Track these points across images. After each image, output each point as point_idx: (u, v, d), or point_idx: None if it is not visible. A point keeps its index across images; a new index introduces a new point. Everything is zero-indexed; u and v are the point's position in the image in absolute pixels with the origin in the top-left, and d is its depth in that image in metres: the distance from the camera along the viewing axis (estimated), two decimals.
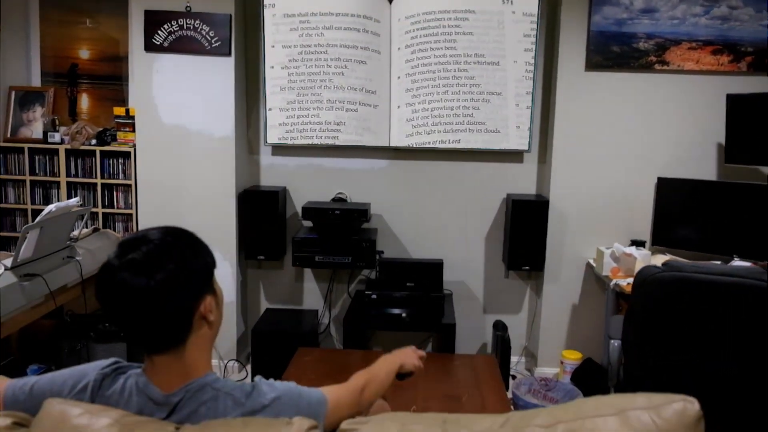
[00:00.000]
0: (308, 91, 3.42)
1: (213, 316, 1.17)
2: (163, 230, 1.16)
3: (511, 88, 3.38)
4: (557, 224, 3.41)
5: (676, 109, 3.31)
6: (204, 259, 1.17)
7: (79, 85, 3.69)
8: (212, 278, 1.19)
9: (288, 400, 1.16)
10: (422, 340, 3.69)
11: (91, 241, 3.20)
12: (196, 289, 1.13)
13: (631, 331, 2.12)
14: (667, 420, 1.02)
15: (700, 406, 1.05)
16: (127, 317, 1.10)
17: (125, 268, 1.07)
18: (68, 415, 1.02)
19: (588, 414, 1.05)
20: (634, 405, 1.05)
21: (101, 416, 1.02)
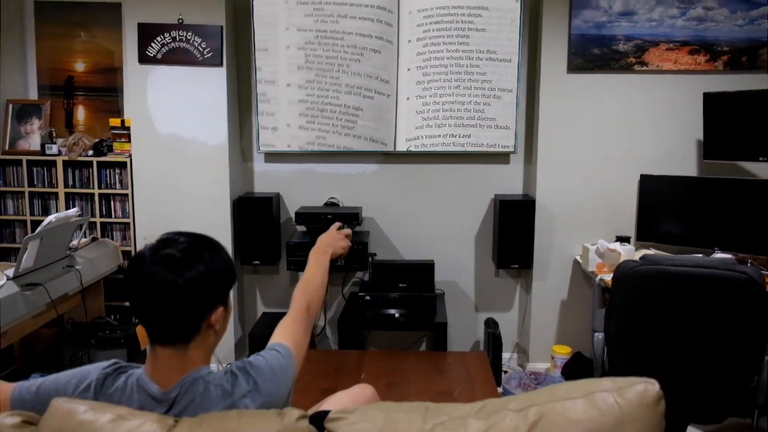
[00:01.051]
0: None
1: (220, 326, 1.26)
2: (198, 236, 1.27)
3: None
4: (544, 223, 3.50)
5: (656, 108, 3.41)
6: (229, 272, 1.27)
7: (75, 97, 3.77)
8: (229, 293, 1.28)
9: (264, 379, 1.26)
10: (416, 340, 3.77)
11: (90, 250, 3.28)
12: (215, 297, 1.23)
13: (612, 323, 2.21)
14: (629, 400, 1.10)
15: (660, 387, 1.13)
16: (145, 306, 1.19)
17: (159, 262, 1.17)
18: (74, 411, 1.09)
19: (558, 397, 1.13)
20: (600, 388, 1.13)
21: (105, 412, 1.09)
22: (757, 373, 2.08)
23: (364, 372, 2.64)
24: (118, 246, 3.51)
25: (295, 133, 3.57)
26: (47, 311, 2.85)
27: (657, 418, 1.13)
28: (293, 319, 1.48)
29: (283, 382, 1.29)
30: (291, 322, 1.47)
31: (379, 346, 3.79)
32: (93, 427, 1.07)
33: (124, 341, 3.14)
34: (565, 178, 3.47)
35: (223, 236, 3.47)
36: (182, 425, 1.09)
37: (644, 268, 2.09)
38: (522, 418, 1.09)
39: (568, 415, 1.08)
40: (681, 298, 2.07)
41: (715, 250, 3.10)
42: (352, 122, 3.53)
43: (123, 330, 3.18)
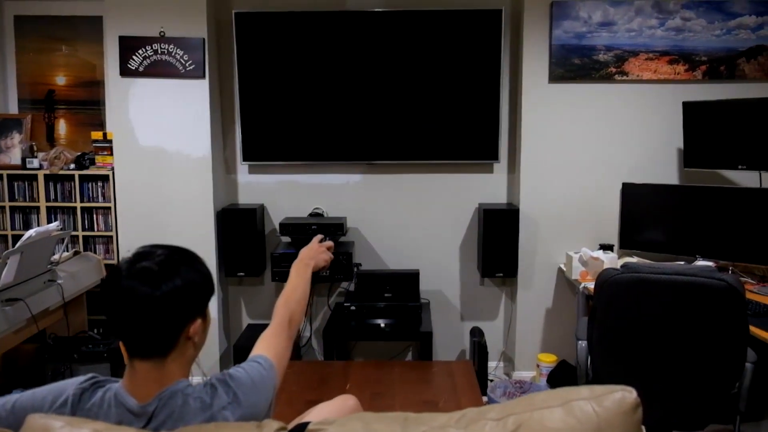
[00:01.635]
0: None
1: (198, 338, 1.26)
2: (175, 248, 1.26)
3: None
4: (528, 231, 3.52)
5: (636, 118, 3.45)
6: (206, 284, 1.26)
7: (57, 111, 3.75)
8: (207, 304, 1.28)
9: (244, 391, 1.25)
10: (402, 349, 3.77)
11: (72, 264, 3.25)
12: (192, 309, 1.23)
13: (595, 331, 2.22)
14: (606, 408, 1.11)
15: (637, 395, 1.14)
16: (123, 319, 1.18)
17: (135, 275, 1.17)
18: (50, 427, 1.08)
19: (537, 406, 1.14)
20: (578, 396, 1.14)
21: (82, 428, 1.08)
22: (738, 380, 2.11)
23: (349, 382, 2.64)
24: (101, 259, 3.49)
25: (278, 144, 3.58)
26: (28, 326, 2.82)
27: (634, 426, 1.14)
28: (274, 331, 1.49)
29: (263, 394, 1.29)
30: (272, 334, 1.47)
31: (364, 357, 3.79)
32: None
33: (108, 355, 3.11)
34: (549, 187, 3.50)
35: (207, 248, 3.47)
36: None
37: (625, 276, 2.11)
38: (501, 427, 1.10)
39: (546, 424, 1.09)
40: (661, 306, 2.09)
41: (696, 257, 3.14)
42: (335, 132, 3.54)
43: (106, 344, 3.15)
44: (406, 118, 3.54)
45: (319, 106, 3.54)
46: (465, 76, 3.49)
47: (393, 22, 3.46)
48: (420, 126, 3.56)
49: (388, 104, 3.53)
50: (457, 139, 3.55)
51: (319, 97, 3.53)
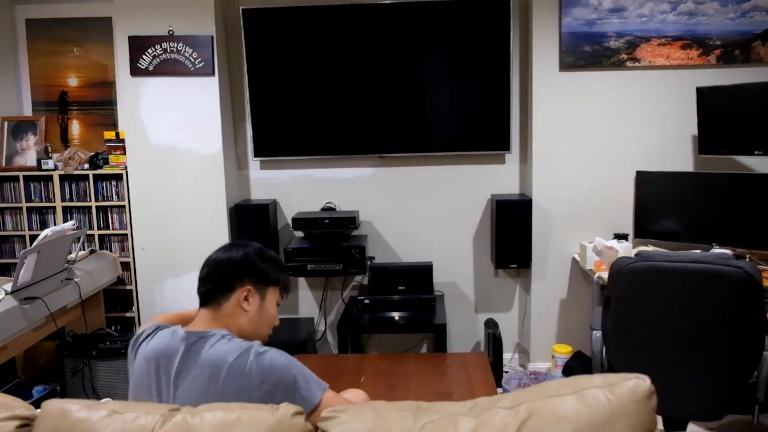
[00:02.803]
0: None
1: (249, 309, 1.49)
2: (261, 247, 1.58)
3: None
4: (541, 222, 3.51)
5: (650, 104, 3.42)
6: (263, 266, 1.52)
7: (70, 112, 3.79)
8: (261, 283, 1.52)
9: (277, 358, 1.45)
10: (416, 342, 3.78)
11: (89, 263, 3.30)
12: (242, 277, 1.50)
13: (609, 321, 2.21)
14: (619, 396, 1.11)
15: (650, 383, 1.14)
16: (200, 276, 1.52)
17: (219, 250, 1.56)
18: (68, 411, 1.10)
19: (549, 394, 1.14)
20: (591, 384, 1.14)
21: (98, 409, 1.10)
22: (756, 369, 2.09)
23: (363, 375, 2.65)
24: (117, 257, 3.53)
25: (289, 139, 3.59)
26: (47, 324, 2.87)
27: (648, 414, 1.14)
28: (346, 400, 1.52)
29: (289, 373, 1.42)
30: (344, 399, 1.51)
31: (379, 350, 3.80)
32: (87, 425, 1.08)
33: (125, 351, 3.15)
34: (561, 177, 3.48)
35: (220, 244, 3.48)
36: (179, 415, 1.10)
37: (639, 265, 2.10)
38: (512, 415, 1.10)
39: (558, 412, 1.09)
40: (676, 294, 2.07)
41: (713, 245, 3.10)
42: (346, 126, 3.55)
43: (124, 340, 3.19)
44: (416, 110, 3.54)
45: (329, 101, 3.55)
46: (475, 66, 3.48)
47: (401, 13, 3.46)
48: (431, 118, 3.55)
49: (399, 97, 3.53)
50: (468, 131, 3.54)
51: (328, 91, 3.54)
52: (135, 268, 3.59)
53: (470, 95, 3.51)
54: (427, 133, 3.56)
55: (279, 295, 1.58)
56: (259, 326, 1.53)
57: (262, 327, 1.53)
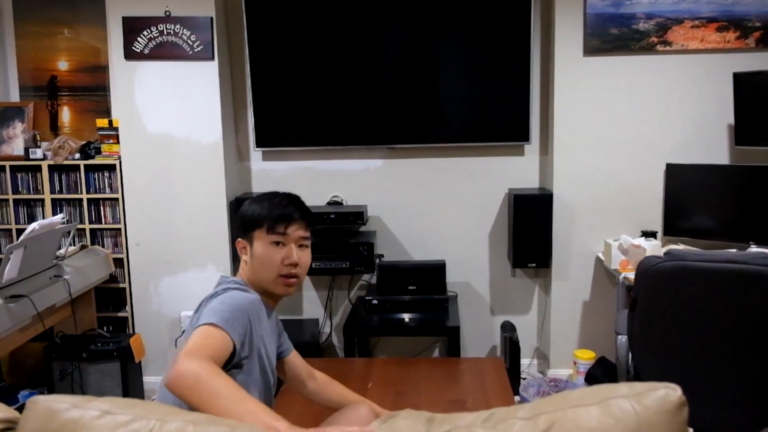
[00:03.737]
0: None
1: (248, 259, 1.64)
2: (285, 194, 1.74)
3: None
4: (563, 218, 3.49)
5: (682, 92, 3.38)
6: (249, 215, 1.65)
7: (60, 98, 3.81)
8: (249, 232, 1.63)
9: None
10: (427, 346, 3.77)
11: (79, 259, 3.31)
12: (238, 229, 1.68)
13: (636, 325, 2.19)
14: (647, 407, 1.09)
15: (682, 393, 1.12)
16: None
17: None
18: (55, 410, 1.09)
19: (571, 404, 1.12)
20: (616, 393, 1.12)
21: (90, 408, 1.08)
22: None
23: (371, 381, 2.65)
24: (109, 253, 3.54)
25: (293, 129, 3.59)
26: (34, 324, 2.88)
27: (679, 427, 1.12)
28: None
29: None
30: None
31: (388, 353, 3.80)
32: (78, 425, 1.07)
33: (118, 354, 3.16)
34: (585, 170, 3.45)
35: (219, 240, 3.50)
36: (175, 423, 1.08)
37: (669, 265, 2.07)
38: (531, 426, 1.09)
39: (581, 423, 1.07)
40: (710, 297, 2.05)
41: (750, 244, 3.07)
42: (354, 115, 3.54)
43: (116, 342, 3.20)
44: (429, 98, 3.52)
45: (336, 87, 3.54)
46: (492, 51, 3.45)
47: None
48: (444, 106, 3.53)
49: (410, 84, 3.51)
50: (485, 120, 3.52)
51: (335, 78, 3.53)
52: (129, 264, 3.60)
53: (487, 82, 3.48)
54: (441, 123, 3.54)
55: (266, 234, 1.62)
56: (257, 272, 1.62)
57: (260, 272, 1.62)
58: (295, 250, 1.64)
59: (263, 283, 1.63)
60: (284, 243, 1.62)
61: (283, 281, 1.62)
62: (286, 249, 1.62)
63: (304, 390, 1.92)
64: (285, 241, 1.62)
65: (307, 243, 1.69)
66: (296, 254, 1.63)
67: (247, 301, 1.53)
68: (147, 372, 3.54)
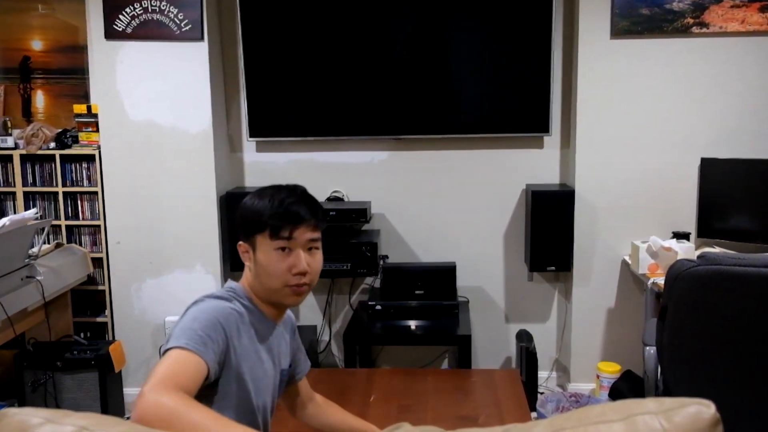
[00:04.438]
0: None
1: (251, 265, 1.59)
2: (287, 186, 1.64)
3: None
4: (585, 217, 3.49)
5: (719, 79, 3.37)
6: (251, 214, 1.57)
7: (33, 81, 3.82)
8: (251, 235, 1.57)
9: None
10: (436, 356, 3.78)
11: (54, 258, 3.32)
12: (238, 232, 1.62)
13: (665, 335, 2.19)
14: (677, 425, 1.09)
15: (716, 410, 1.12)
16: None
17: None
18: (28, 425, 1.09)
19: (592, 420, 1.12)
20: (643, 410, 1.12)
21: (66, 424, 1.09)
22: None
23: (374, 394, 2.65)
24: (87, 252, 3.55)
25: (290, 117, 3.59)
26: (4, 330, 2.89)
27: None
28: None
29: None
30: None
31: (392, 364, 3.81)
32: None
33: (96, 363, 3.18)
34: (610, 164, 3.45)
35: (209, 238, 3.51)
36: None
37: (703, 269, 2.07)
38: None
39: None
40: (748, 305, 2.04)
41: None
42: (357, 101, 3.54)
43: (94, 350, 3.21)
44: (440, 83, 3.52)
45: (339, 72, 3.54)
46: (510, 32, 3.45)
47: None
48: (456, 93, 3.53)
49: (419, 68, 3.51)
50: (501, 109, 3.52)
51: (338, 61, 3.53)
52: (109, 265, 3.62)
53: (504, 66, 3.48)
54: (452, 111, 3.54)
55: (269, 239, 1.54)
56: (262, 281, 1.58)
57: (266, 281, 1.57)
58: (304, 255, 1.55)
59: (269, 293, 1.58)
60: (291, 248, 1.54)
61: (291, 291, 1.56)
62: (293, 255, 1.54)
63: (302, 412, 1.89)
64: (291, 246, 1.54)
65: (317, 245, 1.60)
66: (305, 260, 1.55)
67: (224, 313, 1.49)
68: (128, 383, 3.55)
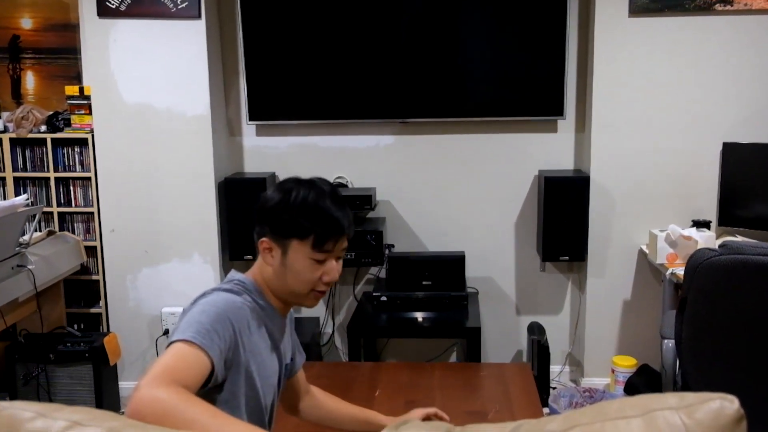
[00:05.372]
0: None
1: (272, 263, 1.57)
2: (306, 181, 1.60)
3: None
4: (601, 205, 3.48)
5: (743, 59, 3.35)
6: (293, 219, 1.53)
7: (23, 61, 3.81)
8: (286, 238, 1.53)
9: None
10: (443, 349, 3.78)
11: (46, 246, 3.33)
12: (261, 225, 1.58)
13: (685, 328, 2.18)
14: (698, 421, 1.08)
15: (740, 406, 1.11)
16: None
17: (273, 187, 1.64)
18: (19, 419, 1.10)
19: (609, 416, 1.12)
20: (663, 405, 1.11)
21: (57, 419, 1.10)
22: None
23: (378, 388, 2.66)
24: (80, 241, 3.56)
25: (292, 99, 3.58)
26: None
27: None
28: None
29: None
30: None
31: (398, 357, 3.82)
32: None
33: (90, 355, 3.19)
34: (627, 149, 3.44)
35: (207, 226, 3.51)
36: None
37: (724, 259, 2.06)
38: None
39: None
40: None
41: None
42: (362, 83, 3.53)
43: (88, 342, 3.23)
44: (448, 64, 3.51)
45: (343, 52, 3.52)
46: (523, 9, 3.43)
47: None
48: (466, 75, 3.52)
49: (427, 48, 3.50)
50: (513, 91, 3.50)
51: (342, 40, 3.52)
52: (103, 254, 3.62)
53: (516, 46, 3.46)
54: (461, 94, 3.53)
55: (310, 249, 1.53)
56: (287, 283, 1.56)
57: (292, 284, 1.56)
58: (335, 265, 1.59)
59: (291, 295, 1.60)
60: (327, 259, 1.57)
61: (315, 295, 1.60)
62: (327, 265, 1.56)
63: (299, 406, 1.89)
64: (328, 258, 1.57)
65: (345, 253, 1.64)
66: (336, 270, 1.59)
67: (234, 307, 1.49)
68: (123, 377, 3.57)
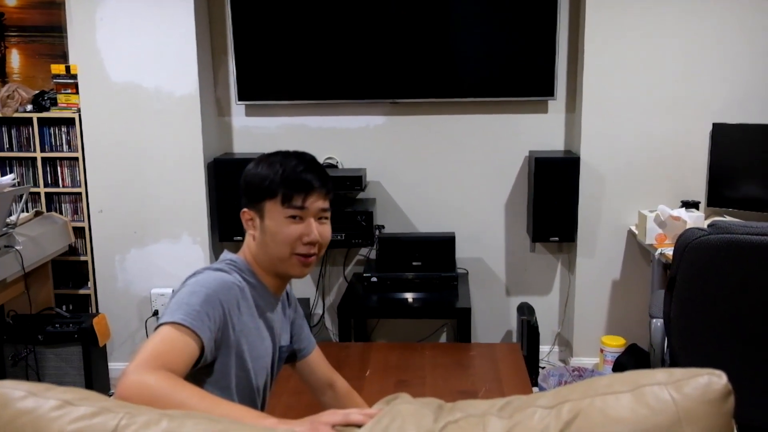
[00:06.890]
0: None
1: (252, 231, 1.61)
2: (296, 153, 1.64)
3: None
4: (591, 185, 3.49)
5: (737, 37, 3.35)
6: (260, 181, 1.57)
7: (8, 39, 3.78)
8: (259, 201, 1.57)
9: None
10: (434, 330, 3.80)
11: (33, 227, 3.31)
12: (242, 197, 1.62)
13: (673, 308, 2.20)
14: (687, 395, 1.10)
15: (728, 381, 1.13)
16: None
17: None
18: (10, 398, 1.10)
19: (599, 392, 1.13)
20: (652, 380, 1.13)
21: (49, 398, 1.10)
22: None
23: (369, 369, 2.68)
24: (68, 221, 3.55)
25: (281, 79, 3.57)
26: None
27: (723, 418, 1.13)
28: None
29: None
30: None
31: (388, 338, 3.83)
32: (34, 416, 1.08)
33: (79, 336, 3.19)
34: (617, 130, 3.45)
35: (196, 207, 3.50)
36: (145, 416, 1.10)
37: (713, 238, 2.07)
38: (554, 416, 1.10)
39: (611, 413, 1.08)
40: (760, 276, 2.05)
41: None
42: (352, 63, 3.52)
43: (77, 323, 3.22)
44: (439, 44, 3.49)
45: (333, 31, 3.51)
46: None
47: None
48: (456, 54, 3.51)
49: (417, 27, 3.48)
50: (503, 70, 3.49)
51: (332, 20, 3.50)
52: (91, 234, 3.61)
53: (506, 26, 3.45)
54: (452, 74, 3.52)
55: (281, 206, 1.55)
56: (269, 250, 1.58)
57: (273, 249, 1.58)
58: (315, 224, 1.58)
59: (275, 262, 1.60)
60: (302, 217, 1.57)
61: (299, 260, 1.58)
62: (304, 224, 1.57)
63: (322, 398, 1.87)
64: (303, 216, 1.57)
65: (327, 215, 1.62)
66: (316, 230, 1.58)
67: (224, 287, 1.49)
68: (112, 357, 3.57)
